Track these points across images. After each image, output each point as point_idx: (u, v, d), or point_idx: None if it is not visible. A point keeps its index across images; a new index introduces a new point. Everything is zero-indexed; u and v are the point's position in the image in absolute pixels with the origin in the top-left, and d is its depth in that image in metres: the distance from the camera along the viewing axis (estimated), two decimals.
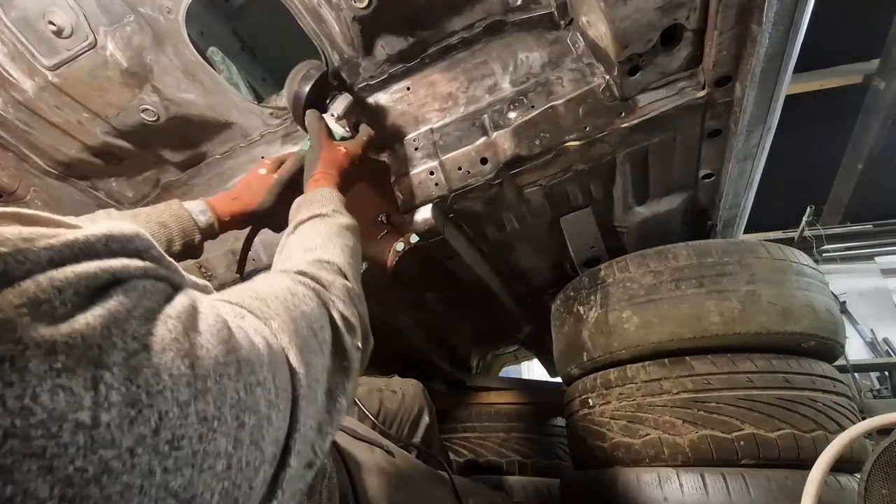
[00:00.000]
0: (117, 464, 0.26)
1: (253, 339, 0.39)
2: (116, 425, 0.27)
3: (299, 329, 0.48)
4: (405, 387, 1.50)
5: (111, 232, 0.33)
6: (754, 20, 0.88)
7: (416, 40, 1.11)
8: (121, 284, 0.31)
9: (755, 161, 1.23)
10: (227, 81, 1.17)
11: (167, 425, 0.29)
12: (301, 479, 0.46)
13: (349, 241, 0.79)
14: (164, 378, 0.29)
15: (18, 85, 1.13)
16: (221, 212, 1.00)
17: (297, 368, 0.44)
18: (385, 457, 0.96)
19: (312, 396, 0.47)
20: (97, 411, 0.26)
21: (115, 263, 0.31)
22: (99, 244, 0.32)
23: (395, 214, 1.36)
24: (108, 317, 0.29)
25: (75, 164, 1.34)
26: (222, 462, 0.32)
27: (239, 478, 0.34)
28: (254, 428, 0.36)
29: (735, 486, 1.03)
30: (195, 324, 0.34)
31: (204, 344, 0.33)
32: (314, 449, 0.47)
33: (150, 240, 0.36)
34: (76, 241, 0.30)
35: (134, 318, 0.30)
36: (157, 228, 0.91)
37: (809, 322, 1.17)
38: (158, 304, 0.33)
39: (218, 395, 0.33)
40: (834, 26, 3.55)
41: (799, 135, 4.07)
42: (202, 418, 0.31)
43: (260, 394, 0.37)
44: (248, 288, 0.51)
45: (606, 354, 1.28)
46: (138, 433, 0.27)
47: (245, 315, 0.44)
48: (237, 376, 0.35)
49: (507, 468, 1.89)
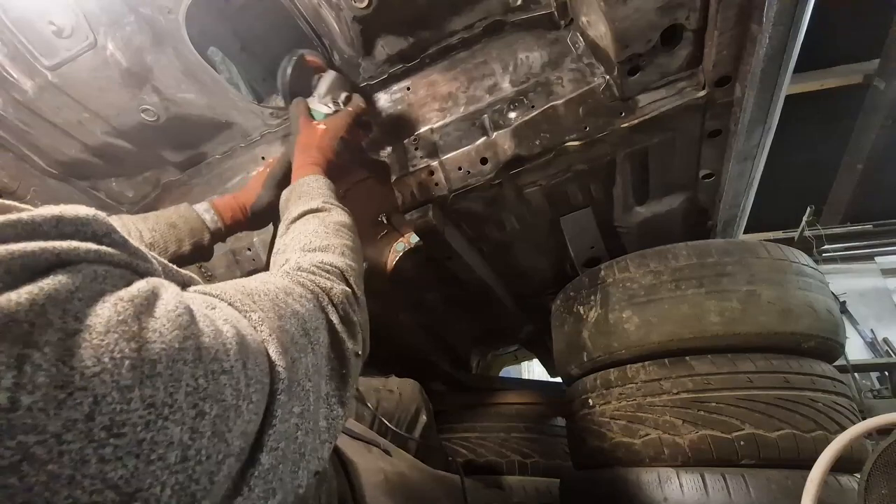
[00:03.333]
0: (41, 450, 0.24)
1: (220, 328, 0.37)
2: (40, 408, 0.25)
3: (286, 326, 0.47)
4: (402, 386, 1.50)
5: (63, 214, 0.31)
6: (754, 20, 0.88)
7: (416, 40, 1.11)
8: (65, 266, 0.29)
9: (755, 161, 1.23)
10: (227, 81, 1.17)
11: (104, 410, 0.27)
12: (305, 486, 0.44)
13: (348, 241, 0.76)
14: (105, 360, 0.27)
15: (18, 85, 1.13)
16: (224, 211, 1.00)
17: (277, 361, 0.42)
18: (383, 457, 0.96)
19: (298, 394, 0.45)
20: (18, 393, 0.24)
21: (62, 244, 0.30)
22: (47, 225, 0.30)
23: (395, 214, 1.36)
24: (39, 294, 0.27)
25: (75, 164, 1.34)
26: (175, 453, 0.30)
27: (197, 471, 0.32)
28: (217, 418, 0.33)
29: (735, 486, 1.03)
30: (150, 308, 0.32)
31: (157, 328, 0.31)
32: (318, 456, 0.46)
33: (109, 224, 0.34)
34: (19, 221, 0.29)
35: (77, 298, 0.28)
36: (167, 229, 0.92)
37: (809, 322, 1.17)
38: (112, 288, 0.31)
39: (170, 380, 0.30)
40: (834, 26, 3.54)
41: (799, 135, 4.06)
42: (149, 404, 0.29)
43: (225, 381, 0.35)
44: (236, 283, 0.49)
45: (606, 354, 1.28)
46: (67, 417, 0.25)
47: (217, 305, 0.42)
48: (195, 363, 0.33)
49: (506, 468, 1.88)
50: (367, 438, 0.98)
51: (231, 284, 0.48)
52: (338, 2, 0.99)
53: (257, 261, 1.42)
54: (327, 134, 0.98)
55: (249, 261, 1.43)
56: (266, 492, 0.40)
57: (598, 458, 1.27)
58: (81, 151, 1.30)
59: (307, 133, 0.98)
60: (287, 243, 0.74)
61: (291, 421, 0.43)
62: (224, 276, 1.46)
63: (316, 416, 0.48)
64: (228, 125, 1.28)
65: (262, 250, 1.41)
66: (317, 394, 0.49)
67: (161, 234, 0.91)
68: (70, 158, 1.31)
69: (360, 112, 1.07)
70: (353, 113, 1.05)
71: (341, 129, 1.01)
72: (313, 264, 0.64)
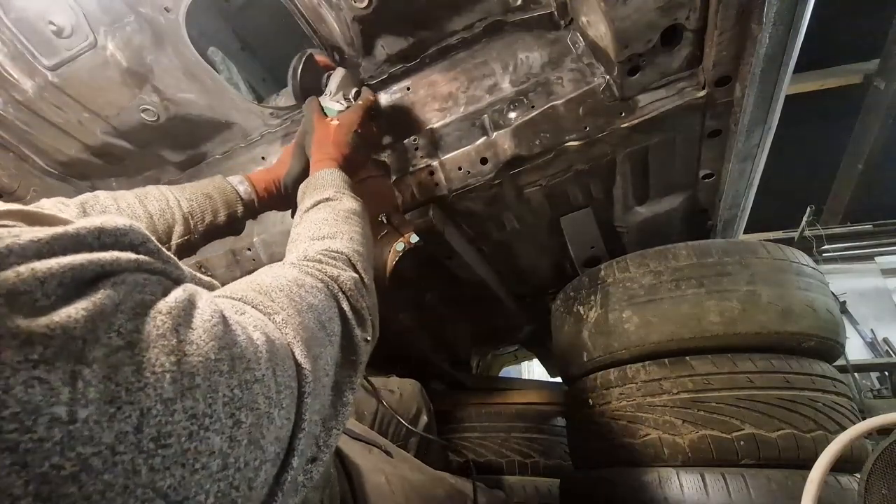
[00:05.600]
0: (97, 461, 0.25)
1: (251, 335, 0.38)
2: (95, 421, 0.26)
3: (306, 322, 0.47)
4: (403, 386, 1.50)
5: (104, 225, 0.32)
6: (754, 20, 0.88)
7: (416, 40, 1.11)
8: (110, 278, 0.30)
9: (755, 161, 1.23)
10: (227, 81, 1.17)
11: (151, 422, 0.28)
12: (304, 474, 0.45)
13: (357, 227, 0.77)
14: (147, 375, 0.29)
15: (18, 85, 1.13)
16: (258, 183, 1.03)
17: (303, 363, 0.43)
18: (383, 457, 0.96)
19: (319, 392, 0.45)
20: (74, 406, 0.25)
21: (105, 256, 0.31)
22: (90, 237, 0.31)
23: (395, 214, 1.36)
24: (92, 310, 0.28)
25: (75, 164, 1.34)
26: (217, 461, 0.31)
27: (237, 478, 0.33)
28: (252, 426, 0.34)
29: (735, 486, 1.03)
30: (188, 319, 0.33)
31: (194, 340, 0.32)
32: (318, 444, 0.46)
33: (145, 233, 0.35)
34: (65, 234, 0.30)
35: (121, 312, 0.29)
36: (203, 199, 0.94)
37: (809, 322, 1.17)
38: (152, 297, 0.32)
39: (208, 391, 0.32)
40: (834, 26, 3.55)
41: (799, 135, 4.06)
42: (191, 416, 0.30)
43: (258, 390, 0.36)
44: (251, 281, 0.49)
45: (606, 354, 1.28)
46: (119, 430, 0.26)
47: (245, 310, 0.43)
48: (230, 373, 0.34)
49: (507, 468, 1.88)
50: (368, 439, 0.98)
51: (246, 285, 0.48)
52: (338, 2, 0.99)
53: (257, 261, 1.42)
54: (341, 129, 1.00)
55: (249, 261, 1.43)
56: (292, 492, 0.41)
57: (599, 458, 1.27)
58: (81, 151, 1.30)
59: (322, 130, 1.00)
60: (300, 232, 0.75)
61: (314, 419, 0.44)
62: (224, 275, 1.46)
63: (325, 405, 0.49)
64: (228, 125, 1.28)
65: (262, 250, 1.41)
66: (330, 384, 0.50)
67: (199, 204, 0.94)
68: (70, 158, 1.31)
69: (371, 105, 1.08)
70: (363, 107, 1.06)
71: (355, 123, 1.02)
72: (320, 252, 0.65)
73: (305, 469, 0.45)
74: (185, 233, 0.91)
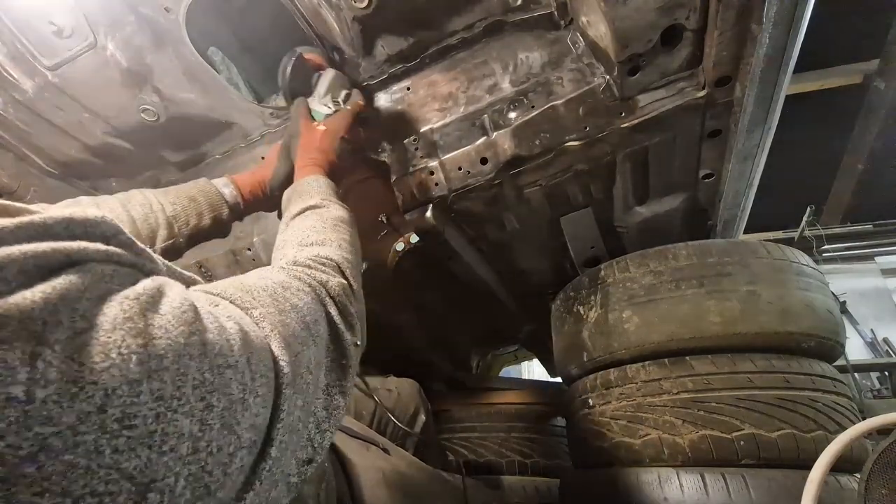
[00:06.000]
0: (56, 441, 0.25)
1: (224, 324, 0.38)
2: (54, 401, 0.26)
3: (287, 320, 0.48)
4: (401, 386, 1.50)
5: (73, 216, 0.33)
6: (754, 20, 0.88)
7: (416, 40, 1.11)
8: (75, 266, 0.30)
9: (755, 161, 1.23)
10: (227, 81, 1.17)
11: (115, 403, 0.28)
12: (298, 475, 0.45)
13: (346, 235, 0.77)
14: (112, 356, 0.29)
15: (18, 85, 1.13)
16: (242, 186, 1.02)
17: (280, 356, 0.44)
18: (382, 455, 0.96)
19: (301, 387, 0.46)
20: (32, 387, 0.25)
21: (72, 245, 0.31)
22: (58, 227, 0.31)
23: (395, 214, 1.35)
24: (52, 294, 0.28)
25: (75, 164, 1.34)
26: (186, 444, 0.31)
27: (209, 462, 0.33)
28: (225, 411, 0.35)
29: (735, 486, 1.03)
30: (156, 306, 0.33)
31: (163, 325, 0.32)
32: (313, 445, 0.47)
33: (117, 226, 0.35)
34: (31, 223, 0.30)
35: (86, 298, 0.29)
36: (187, 203, 0.94)
37: (809, 322, 1.17)
38: (119, 287, 0.32)
39: (176, 374, 0.32)
40: (834, 26, 3.54)
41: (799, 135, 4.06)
42: (157, 397, 0.30)
43: (231, 376, 0.36)
44: (235, 280, 0.50)
45: (606, 354, 1.28)
46: (80, 409, 0.26)
47: (219, 302, 0.43)
48: (201, 357, 0.34)
49: (507, 468, 1.88)
50: (366, 437, 0.98)
51: (230, 282, 0.49)
52: (338, 2, 0.99)
53: (257, 261, 1.42)
54: (328, 135, 0.99)
55: (249, 261, 1.43)
56: (271, 483, 0.41)
57: (598, 458, 1.27)
58: (81, 151, 1.30)
59: (308, 135, 0.99)
60: (286, 239, 0.75)
61: (295, 413, 0.44)
62: (224, 275, 1.45)
63: (315, 405, 0.49)
64: (228, 125, 1.28)
65: (262, 250, 1.41)
66: (316, 385, 0.50)
67: (182, 208, 0.93)
68: (70, 158, 1.31)
69: (360, 110, 1.08)
70: (352, 112, 1.05)
71: (341, 129, 1.02)
72: (309, 258, 0.65)
73: (300, 470, 0.45)
74: (169, 236, 0.91)
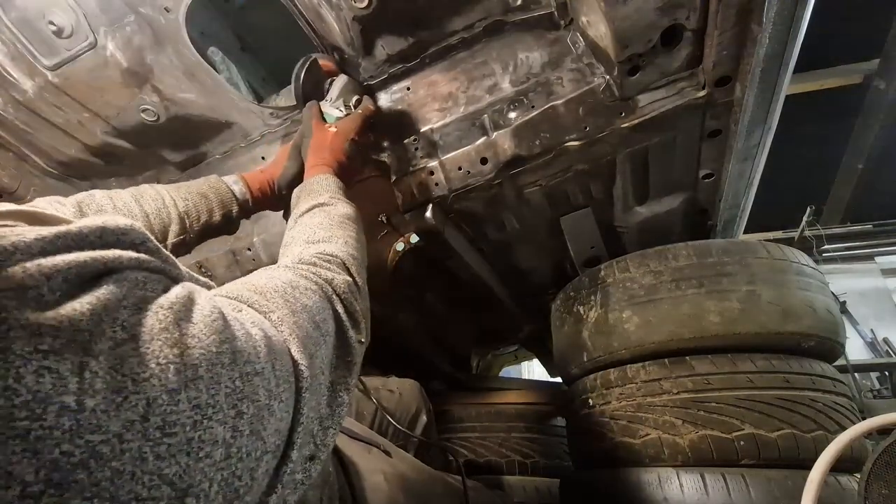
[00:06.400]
0: (105, 448, 0.26)
1: (250, 331, 0.39)
2: (102, 410, 0.27)
3: (300, 321, 0.48)
4: (402, 386, 1.50)
5: (106, 224, 0.33)
6: (754, 20, 0.88)
7: (416, 40, 1.11)
8: (112, 275, 0.31)
9: (755, 161, 1.23)
10: (227, 81, 1.17)
11: (156, 411, 0.29)
12: (303, 472, 0.46)
13: (352, 232, 0.78)
14: (152, 366, 0.29)
15: (18, 85, 1.13)
16: (252, 184, 1.03)
17: (300, 360, 0.44)
18: (383, 457, 0.96)
19: (316, 388, 0.47)
20: (82, 396, 0.26)
21: (108, 254, 0.32)
22: (92, 235, 0.32)
23: (395, 214, 1.36)
24: (97, 304, 0.29)
25: (75, 164, 1.34)
26: (220, 450, 0.32)
27: (240, 467, 0.34)
28: (253, 417, 0.36)
29: (735, 486, 1.03)
30: (188, 314, 0.34)
31: (196, 334, 0.33)
32: (315, 442, 0.47)
33: (145, 233, 0.36)
34: (69, 233, 0.31)
35: (124, 307, 0.30)
36: (198, 199, 0.95)
37: (809, 322, 1.17)
38: (153, 294, 0.33)
39: (211, 383, 0.32)
40: (834, 26, 3.55)
41: (799, 135, 4.06)
42: (194, 406, 0.31)
43: (258, 383, 0.37)
44: (246, 282, 0.50)
45: (606, 354, 1.28)
46: (126, 418, 0.27)
47: (243, 308, 0.44)
48: (232, 366, 0.35)
49: (507, 468, 1.88)
50: (368, 439, 0.98)
51: (241, 285, 0.49)
52: (338, 2, 0.99)
53: (257, 261, 1.42)
54: (338, 137, 1.00)
55: (249, 261, 1.43)
56: (293, 486, 0.42)
57: (599, 458, 1.27)
58: (81, 151, 1.30)
59: (319, 136, 1.00)
60: (294, 236, 0.76)
61: (311, 415, 0.45)
62: (224, 275, 1.46)
63: (321, 404, 0.50)
64: (228, 125, 1.28)
65: (262, 250, 1.41)
66: (326, 384, 0.51)
67: (194, 204, 0.94)
68: (70, 158, 1.31)
69: (370, 115, 1.09)
70: (363, 115, 1.06)
71: (352, 131, 1.02)
72: (315, 255, 0.66)
73: (304, 467, 0.46)
74: (180, 232, 0.92)
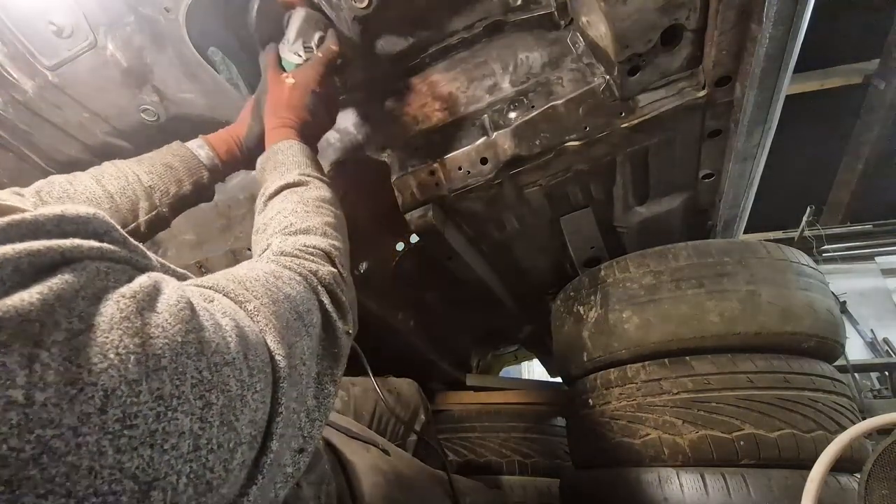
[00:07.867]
0: (59, 443, 0.25)
1: (219, 321, 0.38)
2: (54, 403, 0.25)
3: (280, 311, 0.47)
4: (401, 386, 1.50)
5: (64, 213, 0.32)
6: (754, 20, 0.88)
7: (416, 40, 1.11)
8: (70, 264, 0.30)
9: (755, 161, 1.23)
10: (227, 81, 1.17)
11: (115, 403, 0.28)
12: (293, 465, 0.45)
13: (330, 217, 0.73)
14: (111, 356, 0.28)
15: (18, 85, 1.13)
16: (218, 146, 0.96)
17: (276, 350, 0.43)
18: (381, 456, 0.96)
19: (296, 379, 0.45)
20: (31, 390, 0.25)
21: (65, 243, 0.30)
22: (49, 224, 0.31)
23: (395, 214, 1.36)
24: (48, 294, 0.27)
25: (75, 164, 1.33)
26: (187, 442, 0.31)
27: (210, 459, 0.33)
28: (224, 408, 0.34)
29: (735, 486, 1.03)
30: (153, 304, 0.33)
31: (160, 323, 0.32)
32: (303, 434, 0.47)
33: (109, 222, 0.35)
34: (22, 221, 0.30)
35: (82, 297, 0.29)
36: (164, 171, 0.89)
37: (809, 322, 1.17)
38: (115, 284, 0.32)
39: (175, 373, 0.31)
40: (834, 26, 3.55)
41: (799, 135, 4.06)
42: (157, 397, 0.30)
43: (228, 373, 0.36)
44: (227, 272, 0.50)
45: (606, 354, 1.28)
46: (81, 411, 0.26)
47: (214, 297, 0.42)
48: (198, 356, 0.34)
49: (507, 468, 1.88)
50: (366, 438, 0.98)
51: (222, 275, 0.48)
52: (338, 2, 0.99)
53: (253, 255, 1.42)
54: (297, 90, 0.89)
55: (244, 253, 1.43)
56: (273, 476, 0.41)
57: (598, 458, 1.27)
58: (81, 151, 1.30)
59: (276, 91, 0.90)
60: (266, 223, 0.71)
61: (291, 406, 0.44)
62: None
63: (306, 395, 0.49)
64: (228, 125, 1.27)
65: None
66: (309, 375, 0.50)
67: (160, 177, 0.88)
68: (70, 158, 1.31)
69: (333, 57, 0.95)
70: (323, 61, 0.93)
71: (312, 81, 0.90)
72: (296, 248, 0.63)
73: (294, 460, 0.45)
74: (150, 208, 0.86)
